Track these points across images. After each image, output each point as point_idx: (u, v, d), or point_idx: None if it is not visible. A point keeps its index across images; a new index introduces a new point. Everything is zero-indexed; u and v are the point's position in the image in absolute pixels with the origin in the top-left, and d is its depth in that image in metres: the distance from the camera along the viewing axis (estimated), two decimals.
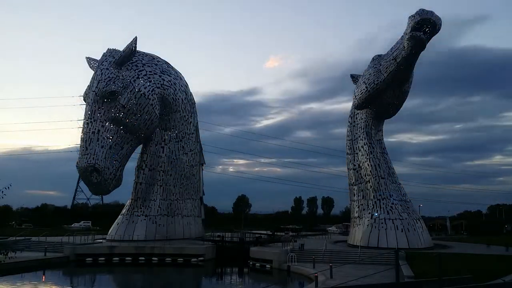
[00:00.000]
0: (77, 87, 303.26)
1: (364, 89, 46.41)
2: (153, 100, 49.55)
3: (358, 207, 49.82)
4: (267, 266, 41.40)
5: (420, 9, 36.94)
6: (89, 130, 43.97)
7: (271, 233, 66.83)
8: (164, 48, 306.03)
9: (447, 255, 35.08)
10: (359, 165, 50.70)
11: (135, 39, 46.74)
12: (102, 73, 45.63)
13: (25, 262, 40.57)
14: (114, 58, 46.87)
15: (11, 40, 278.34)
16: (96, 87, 44.86)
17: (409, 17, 37.68)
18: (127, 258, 46.05)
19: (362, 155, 50.08)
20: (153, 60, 53.24)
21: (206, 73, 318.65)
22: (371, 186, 48.40)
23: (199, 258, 45.65)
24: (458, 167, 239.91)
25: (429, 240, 46.97)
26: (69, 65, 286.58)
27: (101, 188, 45.45)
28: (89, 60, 51.55)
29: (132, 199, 56.43)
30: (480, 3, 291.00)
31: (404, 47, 38.91)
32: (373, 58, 47.26)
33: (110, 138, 45.02)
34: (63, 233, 60.12)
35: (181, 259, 45.66)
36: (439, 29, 37.40)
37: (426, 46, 38.77)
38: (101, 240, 54.35)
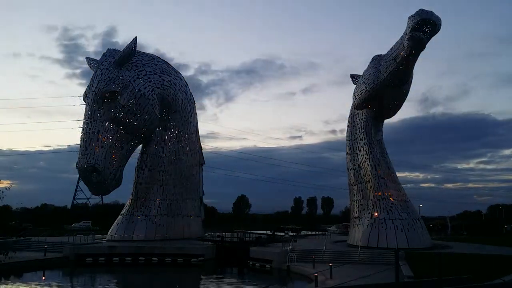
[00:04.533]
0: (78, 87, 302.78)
1: (363, 89, 46.44)
2: (153, 100, 49.52)
3: (358, 207, 49.81)
4: (267, 266, 41.44)
5: (419, 9, 36.94)
6: (89, 130, 43.94)
7: (271, 233, 66.84)
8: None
9: (447, 255, 35.09)
10: (359, 165, 50.69)
11: (135, 39, 46.71)
12: (102, 73, 45.60)
13: (25, 262, 40.64)
14: (114, 58, 46.87)
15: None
16: (96, 87, 44.84)
17: (409, 17, 37.66)
18: (127, 258, 46.09)
19: (362, 155, 50.07)
20: (153, 60, 53.22)
21: None
22: (371, 186, 48.40)
23: (199, 258, 45.70)
24: None
25: (429, 240, 46.97)
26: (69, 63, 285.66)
27: (101, 188, 45.45)
28: (89, 60, 51.53)
29: (132, 199, 56.42)
30: None
31: (404, 47, 38.91)
32: (373, 58, 47.28)
33: (110, 138, 45.00)
34: (63, 233, 60.14)
35: (181, 259, 45.71)
36: (439, 29, 37.38)
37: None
38: (101, 240, 54.38)
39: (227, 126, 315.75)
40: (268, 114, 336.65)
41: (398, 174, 51.40)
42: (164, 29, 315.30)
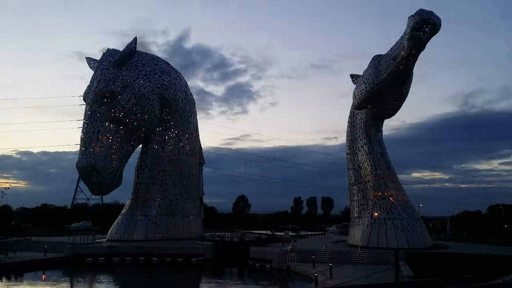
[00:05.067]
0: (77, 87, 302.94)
1: (363, 89, 46.45)
2: (153, 100, 49.55)
3: (358, 207, 49.83)
4: (267, 266, 41.44)
5: (419, 9, 36.98)
6: (89, 130, 43.94)
7: (271, 233, 66.83)
8: None
9: (447, 255, 35.10)
10: (358, 165, 50.72)
11: (135, 39, 46.75)
12: (102, 73, 45.60)
13: (25, 262, 40.63)
14: (114, 58, 46.87)
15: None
16: (96, 87, 44.84)
17: (409, 17, 37.68)
18: (127, 258, 46.09)
19: (361, 155, 50.10)
20: (153, 60, 53.25)
21: None
22: (371, 186, 48.42)
23: (199, 258, 45.71)
24: None
25: (429, 240, 46.96)
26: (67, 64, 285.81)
27: (101, 188, 45.46)
28: (89, 60, 51.54)
29: (132, 199, 56.45)
30: None
31: (404, 47, 38.93)
32: (372, 58, 47.29)
33: (110, 138, 45.00)
34: (63, 233, 60.13)
35: (181, 259, 45.72)
36: (439, 29, 37.41)
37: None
38: (101, 240, 54.41)
39: (262, 128, 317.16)
40: (308, 117, 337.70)
41: (415, 174, 51.67)
42: (230, 35, 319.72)
